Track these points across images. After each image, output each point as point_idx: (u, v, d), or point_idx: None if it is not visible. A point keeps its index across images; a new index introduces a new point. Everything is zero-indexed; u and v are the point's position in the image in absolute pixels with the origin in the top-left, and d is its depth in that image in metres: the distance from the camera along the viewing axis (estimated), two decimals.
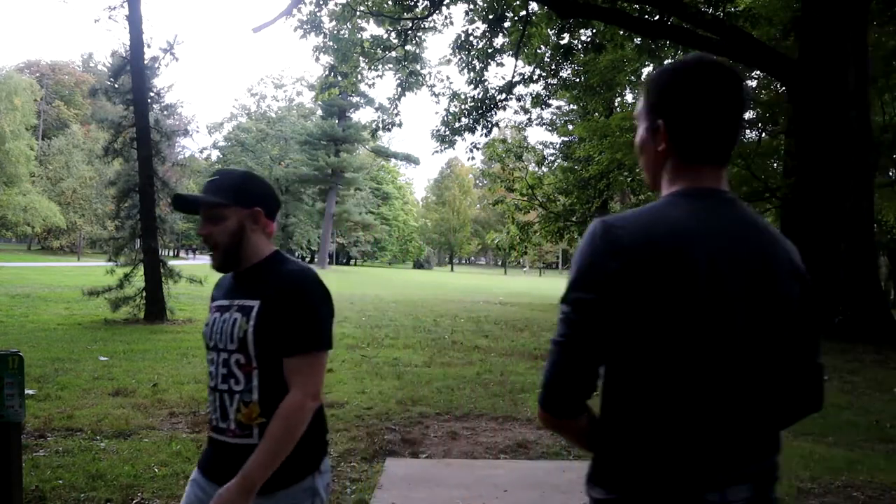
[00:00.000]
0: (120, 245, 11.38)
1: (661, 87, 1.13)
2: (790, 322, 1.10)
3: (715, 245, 1.04)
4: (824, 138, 9.61)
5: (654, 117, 1.13)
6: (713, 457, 1.04)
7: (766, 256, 1.08)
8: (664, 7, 10.03)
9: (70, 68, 59.30)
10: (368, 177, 58.31)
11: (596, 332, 1.04)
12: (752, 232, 1.09)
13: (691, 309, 1.01)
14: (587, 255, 1.06)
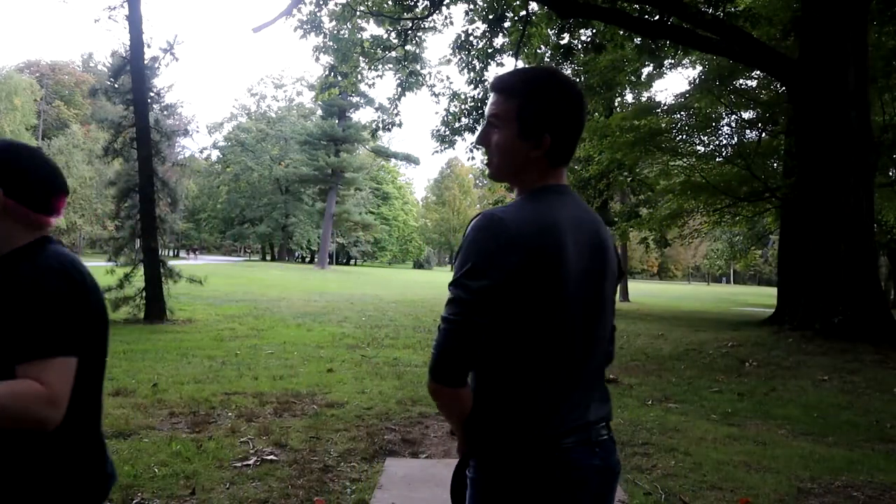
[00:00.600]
0: (120, 245, 11.38)
1: (547, 103, 1.30)
2: (614, 290, 1.38)
3: (572, 231, 1.26)
4: (824, 138, 9.60)
5: (538, 129, 1.30)
6: (574, 406, 1.28)
7: (599, 237, 1.33)
8: (664, 7, 10.02)
9: (70, 68, 59.29)
10: (368, 177, 58.28)
11: (491, 312, 1.20)
12: (588, 218, 1.34)
13: (562, 285, 1.23)
14: (485, 245, 1.21)
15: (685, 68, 19.16)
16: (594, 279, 1.30)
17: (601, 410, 1.35)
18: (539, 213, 1.25)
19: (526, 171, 1.33)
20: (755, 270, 73.92)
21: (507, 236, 1.20)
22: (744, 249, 26.46)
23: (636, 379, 7.34)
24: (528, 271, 1.20)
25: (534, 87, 1.32)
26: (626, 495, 3.50)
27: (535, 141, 1.31)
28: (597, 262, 1.31)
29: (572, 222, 1.27)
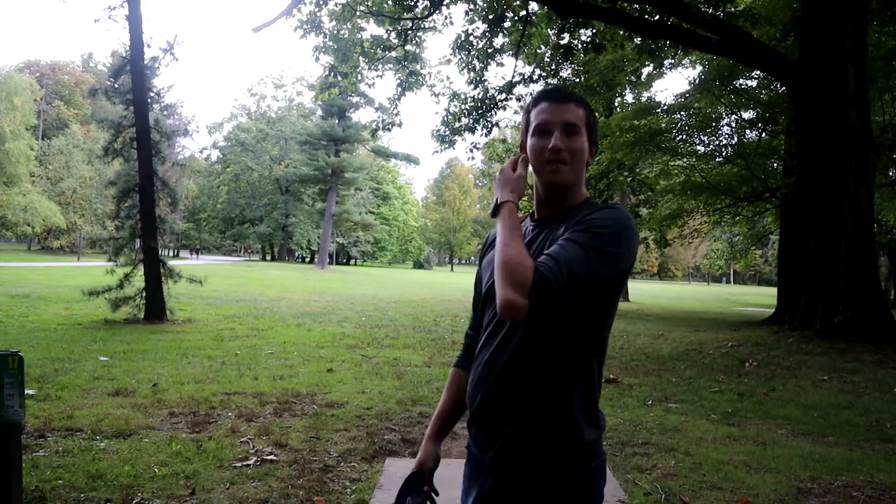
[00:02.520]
0: (120, 245, 11.37)
1: (595, 116, 1.48)
2: None
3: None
4: (824, 138, 9.60)
5: (596, 138, 1.46)
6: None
7: None
8: (664, 7, 10.01)
9: (70, 68, 59.28)
10: (368, 177, 58.28)
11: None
12: None
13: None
14: (635, 233, 1.36)
15: (685, 68, 19.17)
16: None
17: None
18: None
19: (583, 178, 1.46)
20: (755, 270, 73.92)
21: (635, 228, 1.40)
22: (744, 249, 26.45)
23: (636, 379, 7.34)
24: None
25: (583, 98, 1.47)
26: (626, 495, 3.49)
27: (595, 148, 1.46)
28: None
29: None
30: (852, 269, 9.29)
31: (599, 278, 1.27)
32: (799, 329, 9.75)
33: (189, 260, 47.38)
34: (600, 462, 1.35)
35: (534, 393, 1.31)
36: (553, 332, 1.31)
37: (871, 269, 9.67)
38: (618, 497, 3.47)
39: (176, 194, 13.06)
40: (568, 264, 1.24)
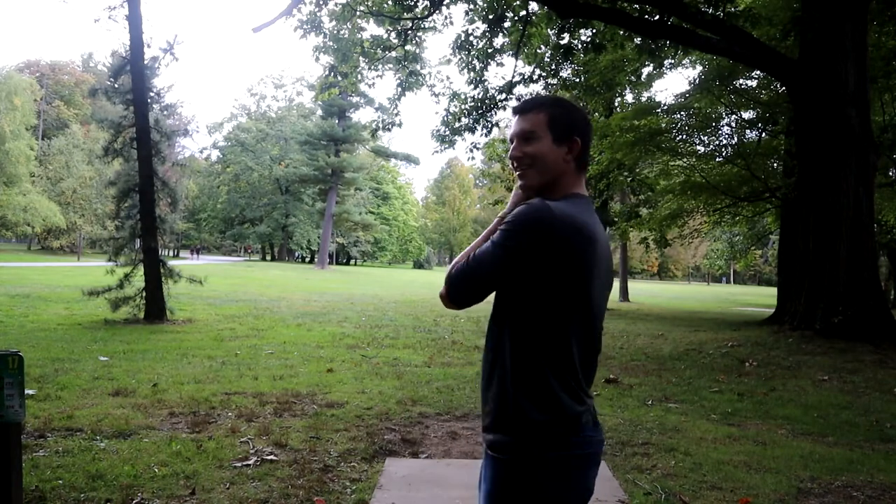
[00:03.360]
0: (120, 245, 11.37)
1: (571, 110, 1.51)
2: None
3: (603, 241, 1.45)
4: (824, 138, 9.60)
5: (569, 133, 1.49)
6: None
7: (608, 249, 1.50)
8: (664, 7, 10.01)
9: (70, 68, 59.27)
10: (368, 177, 58.29)
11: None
12: (602, 229, 1.49)
13: (582, 279, 1.40)
14: (538, 228, 1.39)
15: (685, 68, 19.16)
16: (606, 278, 1.49)
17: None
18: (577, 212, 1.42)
19: (563, 176, 1.49)
20: (755, 270, 73.92)
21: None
22: (744, 249, 26.46)
23: (636, 379, 7.34)
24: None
25: (553, 100, 1.53)
26: (626, 495, 3.49)
27: (568, 145, 1.49)
28: (609, 263, 1.49)
29: (601, 233, 1.44)
30: (852, 269, 9.29)
31: (501, 272, 1.37)
32: (799, 329, 9.75)
33: (189, 260, 47.37)
34: (564, 456, 1.37)
35: (490, 377, 1.45)
36: (495, 323, 1.46)
37: (871, 269, 9.67)
38: (618, 497, 3.47)
39: (176, 194, 13.06)
40: (477, 259, 1.38)
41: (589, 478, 1.43)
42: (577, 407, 1.39)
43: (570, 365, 1.40)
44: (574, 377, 1.40)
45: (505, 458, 1.38)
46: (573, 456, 1.38)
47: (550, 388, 1.37)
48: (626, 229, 21.07)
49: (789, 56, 10.93)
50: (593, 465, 1.43)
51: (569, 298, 1.38)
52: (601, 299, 1.46)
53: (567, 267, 1.36)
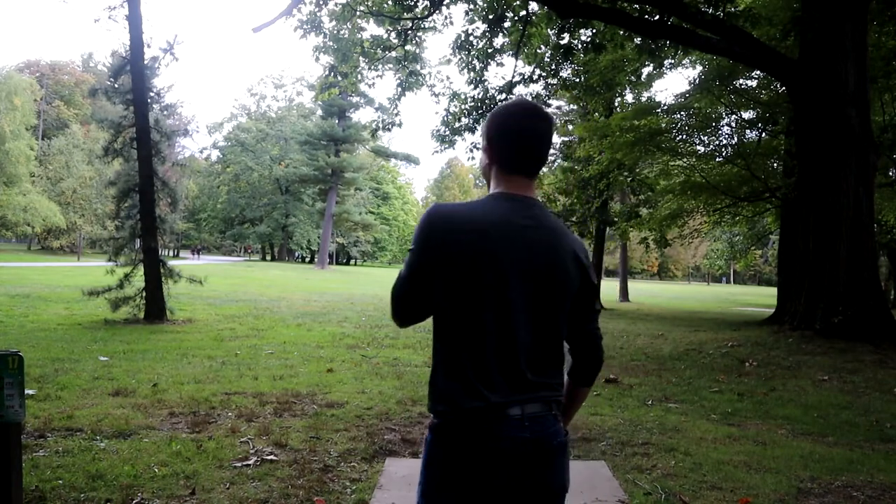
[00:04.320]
0: (120, 245, 11.37)
1: (490, 117, 1.55)
2: (568, 295, 1.49)
3: (505, 234, 1.42)
4: (824, 138, 9.60)
5: (486, 138, 1.54)
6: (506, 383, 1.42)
7: (551, 246, 1.46)
8: (664, 7, 10.01)
9: (70, 68, 59.26)
10: (368, 177, 58.29)
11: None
12: (545, 226, 1.47)
13: (475, 273, 1.41)
14: (423, 227, 1.48)
15: (685, 68, 19.15)
16: (524, 278, 1.43)
17: (543, 391, 1.47)
18: (469, 211, 1.46)
19: (491, 179, 1.56)
20: (755, 270, 73.91)
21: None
22: (744, 249, 26.46)
23: (636, 379, 7.34)
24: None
25: (490, 111, 1.60)
26: (626, 495, 3.49)
27: (485, 149, 1.56)
28: (535, 266, 1.44)
29: (509, 226, 1.44)
30: (852, 269, 9.29)
31: (408, 272, 1.48)
32: (799, 329, 9.74)
33: (190, 260, 47.39)
34: (436, 424, 1.45)
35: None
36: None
37: (871, 269, 9.67)
38: (618, 497, 3.47)
39: (176, 194, 13.06)
40: (398, 275, 1.53)
41: (489, 472, 1.39)
42: (474, 402, 1.39)
43: (463, 360, 1.41)
44: (471, 372, 1.40)
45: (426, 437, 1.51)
46: (437, 424, 1.44)
47: (442, 381, 1.44)
48: (626, 229, 21.07)
49: (789, 56, 10.92)
50: (498, 460, 1.39)
51: (455, 293, 1.42)
52: (506, 290, 1.41)
53: (447, 262, 1.42)
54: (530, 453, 1.41)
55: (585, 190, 20.68)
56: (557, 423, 1.48)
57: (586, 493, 3.51)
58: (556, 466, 1.46)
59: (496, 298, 1.41)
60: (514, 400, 1.41)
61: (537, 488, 1.43)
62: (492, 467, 1.39)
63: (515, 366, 1.42)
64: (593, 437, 4.67)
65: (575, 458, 4.20)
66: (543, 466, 1.43)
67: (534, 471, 1.42)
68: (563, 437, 1.49)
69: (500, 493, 1.41)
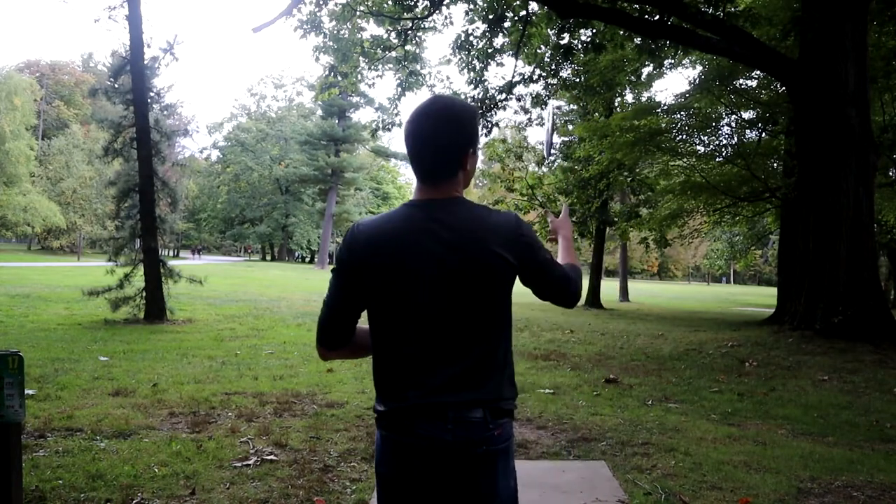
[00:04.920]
0: (120, 245, 11.37)
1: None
2: (496, 283, 1.45)
3: (406, 237, 1.45)
4: (824, 138, 9.60)
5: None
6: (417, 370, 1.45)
7: (460, 244, 1.43)
8: (664, 7, 10.02)
9: (70, 68, 59.26)
10: (368, 177, 58.29)
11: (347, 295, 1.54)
12: (453, 226, 1.45)
13: (385, 282, 1.46)
14: (346, 238, 1.55)
15: (685, 68, 19.16)
16: (431, 275, 1.44)
17: (473, 393, 1.44)
18: (380, 222, 1.52)
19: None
20: (755, 270, 73.90)
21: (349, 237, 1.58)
22: (744, 249, 26.47)
23: (636, 379, 7.34)
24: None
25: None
26: (626, 495, 3.49)
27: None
28: (442, 260, 1.43)
29: (410, 230, 1.46)
30: (852, 269, 9.29)
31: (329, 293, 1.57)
32: (799, 329, 9.74)
33: (190, 260, 47.40)
34: (380, 436, 1.49)
35: None
36: None
37: (871, 269, 9.67)
38: (618, 497, 3.47)
39: (176, 194, 13.06)
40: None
41: (401, 465, 1.44)
42: (396, 402, 1.45)
43: (387, 364, 1.49)
44: (389, 372, 1.48)
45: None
46: (382, 437, 1.49)
47: (375, 381, 1.52)
48: (626, 229, 21.08)
49: (789, 56, 10.92)
50: (411, 458, 1.43)
51: (370, 298, 1.50)
52: (419, 290, 1.43)
53: (355, 270, 1.48)
54: (451, 457, 1.40)
55: (585, 190, 20.69)
56: (490, 430, 1.42)
57: (586, 493, 3.51)
58: (481, 473, 1.42)
59: (409, 303, 1.44)
60: (437, 401, 1.41)
61: (461, 493, 1.42)
62: (411, 465, 1.43)
63: (437, 366, 1.43)
64: (593, 437, 4.67)
65: (575, 457, 4.20)
66: (466, 471, 1.41)
67: (455, 474, 1.41)
68: (496, 445, 1.43)
69: (422, 492, 1.43)
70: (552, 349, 9.62)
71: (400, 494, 1.45)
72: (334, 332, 1.56)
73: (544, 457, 4.21)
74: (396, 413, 1.44)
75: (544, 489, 3.58)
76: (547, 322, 13.48)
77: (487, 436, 1.42)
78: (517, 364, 7.96)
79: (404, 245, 1.44)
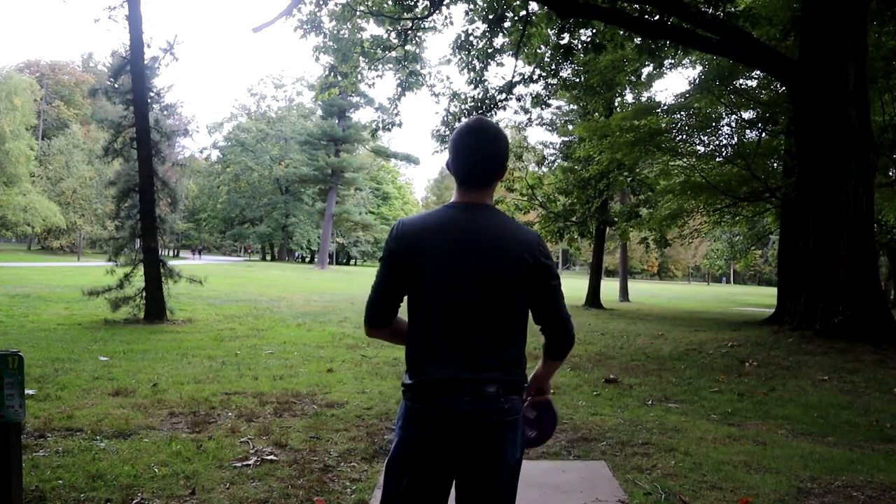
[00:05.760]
0: (120, 245, 11.37)
1: (450, 140, 1.81)
2: (512, 287, 1.68)
3: (445, 234, 1.69)
4: (824, 138, 9.60)
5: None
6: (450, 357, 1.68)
7: (489, 244, 1.68)
8: (664, 7, 10.02)
9: (70, 68, 59.25)
10: (368, 177, 58.31)
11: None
12: (485, 228, 1.70)
13: (422, 270, 1.70)
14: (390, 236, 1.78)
15: (685, 68, 19.16)
16: (464, 272, 1.67)
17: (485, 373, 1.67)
18: (421, 218, 1.76)
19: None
20: (755, 270, 73.90)
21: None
22: (744, 249, 26.47)
23: (636, 379, 7.34)
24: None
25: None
26: (626, 495, 3.50)
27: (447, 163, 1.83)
28: (476, 262, 1.67)
29: (449, 228, 1.70)
30: (852, 269, 9.28)
31: (383, 280, 1.83)
32: (799, 329, 9.74)
33: (191, 259, 47.40)
34: (405, 406, 1.72)
35: None
36: None
37: (871, 269, 9.67)
38: (618, 497, 3.47)
39: (176, 194, 13.06)
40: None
41: (423, 431, 1.66)
42: (421, 377, 1.69)
43: (415, 342, 1.75)
44: (417, 351, 1.73)
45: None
46: (409, 407, 1.70)
47: (408, 358, 1.77)
48: (626, 229, 21.07)
49: (789, 56, 10.92)
50: (432, 425, 1.65)
51: (409, 284, 1.73)
52: (449, 280, 1.67)
53: (400, 259, 1.71)
54: (466, 425, 1.63)
55: (585, 190, 20.68)
56: (501, 403, 1.65)
57: (586, 493, 3.51)
58: (492, 440, 1.65)
59: (439, 290, 1.68)
60: (456, 377, 1.64)
61: (473, 457, 1.65)
62: (432, 431, 1.65)
63: (459, 347, 1.67)
64: (593, 437, 4.67)
65: (575, 458, 4.20)
66: (479, 438, 1.64)
67: (469, 441, 1.64)
68: (506, 417, 1.66)
69: (440, 455, 1.65)
70: None
71: (419, 456, 1.67)
72: (379, 312, 1.85)
73: (544, 457, 4.20)
74: (420, 387, 1.68)
75: (544, 489, 3.58)
76: None
77: (499, 408, 1.65)
78: None
79: (444, 240, 1.69)
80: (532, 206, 21.30)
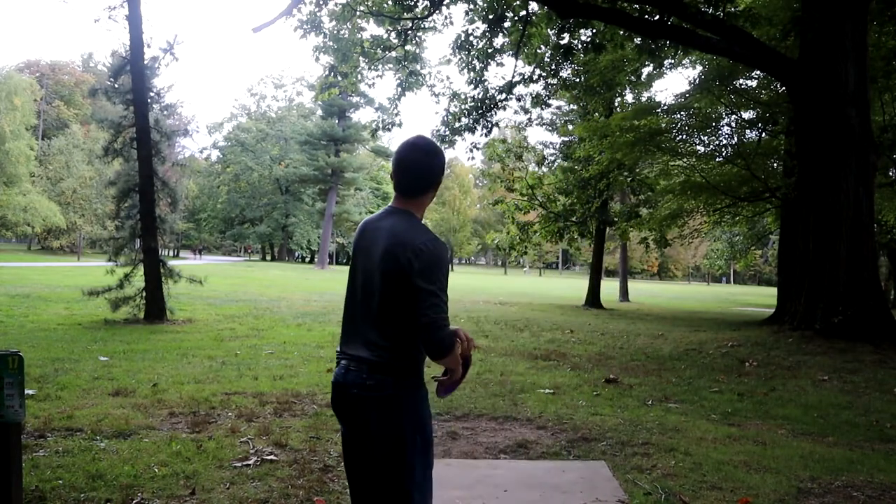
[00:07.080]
0: (120, 245, 11.37)
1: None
2: (393, 279, 1.89)
3: (367, 233, 2.03)
4: (824, 138, 9.60)
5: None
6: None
7: (384, 242, 1.93)
8: (664, 7, 10.02)
9: (70, 68, 59.25)
10: (368, 177, 58.25)
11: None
12: (385, 229, 1.97)
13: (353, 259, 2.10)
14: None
15: (685, 68, 19.15)
16: (367, 265, 1.99)
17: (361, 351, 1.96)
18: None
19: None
20: (755, 270, 73.88)
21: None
22: (744, 249, 26.47)
23: (636, 379, 7.34)
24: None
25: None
26: (626, 495, 3.50)
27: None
28: (375, 255, 1.95)
29: (376, 227, 2.01)
30: (852, 269, 9.28)
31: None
32: (799, 329, 9.74)
33: (191, 259, 47.41)
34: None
35: None
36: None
37: (871, 269, 9.67)
38: (618, 497, 3.47)
39: (176, 194, 13.06)
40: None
41: (335, 403, 2.04)
42: (337, 357, 2.05)
43: (343, 324, 2.06)
44: (343, 333, 2.05)
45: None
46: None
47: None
48: (626, 229, 21.07)
49: (789, 56, 10.92)
50: (337, 398, 2.01)
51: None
52: (356, 268, 2.04)
53: (352, 251, 2.12)
54: (339, 392, 1.99)
55: (585, 190, 20.68)
56: (364, 379, 1.91)
57: (586, 492, 3.51)
58: (361, 411, 1.93)
59: (351, 276, 2.05)
60: (342, 351, 2.01)
61: (347, 424, 2.00)
62: (332, 395, 2.04)
63: (352, 325, 2.00)
64: (593, 437, 4.67)
65: (575, 458, 4.21)
66: (350, 407, 1.96)
67: (346, 410, 1.98)
68: (368, 392, 1.90)
69: (337, 413, 2.04)
70: (552, 349, 9.62)
71: (334, 412, 2.07)
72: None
73: (544, 457, 4.21)
74: (337, 357, 2.05)
75: (544, 489, 3.58)
76: (547, 322, 13.48)
77: (360, 382, 1.92)
78: (517, 364, 7.98)
79: (364, 237, 2.03)
80: (532, 206, 21.30)
